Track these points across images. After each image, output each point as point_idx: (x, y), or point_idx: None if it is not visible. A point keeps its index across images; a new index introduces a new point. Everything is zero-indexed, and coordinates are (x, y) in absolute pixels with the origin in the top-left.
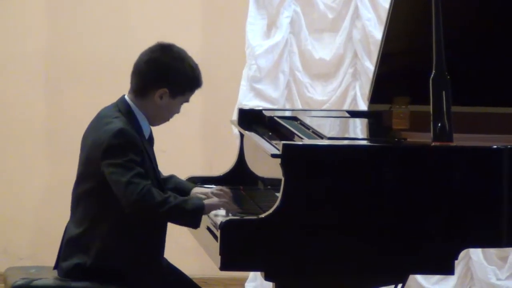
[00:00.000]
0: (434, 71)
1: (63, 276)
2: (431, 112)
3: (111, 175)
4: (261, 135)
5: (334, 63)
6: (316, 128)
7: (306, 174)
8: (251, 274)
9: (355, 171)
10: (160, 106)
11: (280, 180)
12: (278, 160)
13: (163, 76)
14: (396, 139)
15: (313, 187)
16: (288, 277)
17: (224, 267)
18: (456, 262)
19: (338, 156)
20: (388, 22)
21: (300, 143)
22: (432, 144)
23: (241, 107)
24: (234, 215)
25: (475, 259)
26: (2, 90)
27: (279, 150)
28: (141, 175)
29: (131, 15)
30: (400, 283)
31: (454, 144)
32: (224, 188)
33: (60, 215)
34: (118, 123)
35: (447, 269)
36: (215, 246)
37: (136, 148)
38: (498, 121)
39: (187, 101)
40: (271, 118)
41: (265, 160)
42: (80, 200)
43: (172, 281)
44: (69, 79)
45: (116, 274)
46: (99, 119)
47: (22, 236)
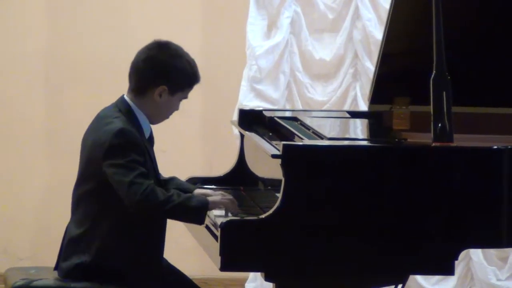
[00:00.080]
0: (434, 72)
1: (63, 276)
2: (432, 112)
3: (113, 176)
4: (261, 135)
5: (335, 63)
6: (316, 128)
7: (306, 174)
8: (251, 275)
9: (356, 172)
10: (160, 104)
11: (280, 180)
12: (278, 160)
13: (161, 74)
14: (396, 140)
15: (313, 187)
16: (288, 277)
17: (224, 267)
18: (456, 262)
19: (339, 156)
20: (388, 22)
21: (301, 143)
22: (432, 145)
23: (241, 107)
24: (235, 215)
25: (475, 259)
26: (2, 90)
27: (279, 151)
28: (143, 175)
29: (131, 15)
30: (400, 283)
31: (454, 144)
32: (223, 192)
33: (60, 215)
34: (118, 123)
35: (447, 269)
36: (215, 246)
37: (137, 148)
38: (499, 121)
39: (186, 97)
40: (272, 119)
41: (265, 161)
42: (81, 201)
43: (172, 281)
44: (69, 79)
45: (116, 274)
46: (99, 120)
47: (22, 236)
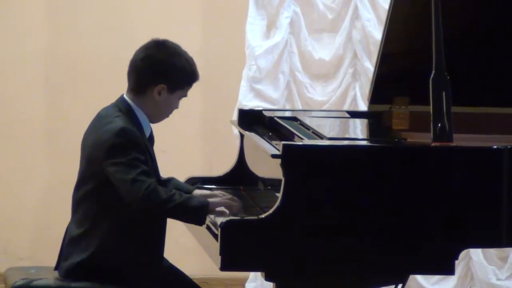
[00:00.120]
0: (434, 72)
1: (64, 275)
2: (431, 112)
3: (115, 174)
4: (261, 135)
5: (334, 63)
6: (316, 128)
7: (306, 174)
8: (252, 274)
9: (355, 172)
10: (159, 102)
11: (280, 180)
12: (278, 160)
13: (160, 72)
14: (396, 140)
15: (313, 187)
16: (288, 277)
17: (225, 267)
18: (456, 262)
19: (338, 156)
20: (387, 22)
21: (300, 143)
22: (432, 145)
23: (241, 107)
24: (235, 215)
25: (475, 259)
26: (2, 90)
27: (279, 151)
28: (146, 173)
29: (131, 15)
30: (400, 283)
31: (454, 144)
32: (222, 191)
33: (60, 215)
34: (119, 122)
35: (448, 269)
36: (216, 246)
37: (139, 146)
38: (498, 121)
39: (186, 95)
40: (271, 119)
41: (265, 161)
42: (81, 201)
43: (172, 281)
44: (69, 79)
45: (116, 274)
46: (99, 119)
47: (22, 236)
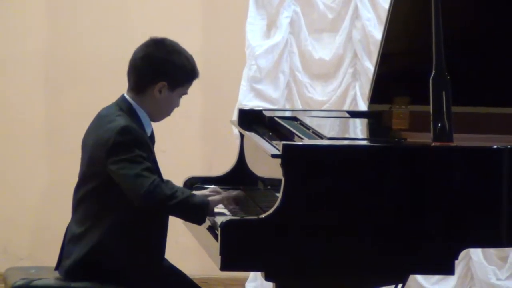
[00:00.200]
0: (434, 71)
1: (65, 275)
2: (431, 112)
3: (118, 171)
4: (261, 135)
5: (334, 63)
6: (316, 128)
7: (306, 174)
8: (252, 274)
9: (355, 171)
10: (160, 100)
11: (280, 180)
12: (278, 160)
13: (160, 70)
14: (396, 139)
15: (313, 187)
16: (288, 277)
17: (224, 267)
18: (456, 262)
19: (338, 156)
20: (388, 22)
21: (300, 143)
22: (432, 144)
23: (241, 107)
24: (235, 215)
25: (475, 259)
26: (2, 90)
27: (279, 150)
28: (149, 169)
29: (131, 15)
30: (400, 283)
31: (454, 144)
32: (217, 188)
33: (60, 215)
34: (121, 121)
35: (447, 269)
36: (215, 246)
37: (142, 144)
38: (498, 121)
39: (186, 93)
40: (271, 118)
41: (265, 160)
42: (82, 200)
43: (172, 281)
44: (69, 79)
45: (116, 274)
46: (100, 119)
47: (22, 236)
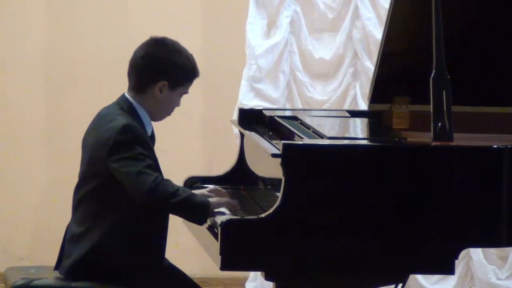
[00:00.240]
0: (434, 71)
1: (65, 274)
2: (431, 111)
3: (120, 168)
4: (261, 134)
5: (334, 62)
6: (316, 127)
7: (306, 173)
8: (252, 274)
9: (355, 171)
10: (161, 100)
11: (280, 179)
12: (279, 159)
13: (161, 69)
14: (396, 139)
15: (313, 186)
16: (288, 277)
17: (225, 267)
18: (456, 261)
19: (339, 155)
20: (388, 21)
21: (300, 142)
22: (432, 144)
23: (241, 107)
24: (235, 214)
25: (476, 258)
26: (2, 90)
27: (279, 150)
28: (151, 166)
29: (131, 15)
30: (400, 282)
31: (454, 143)
32: (218, 187)
33: (60, 215)
34: (122, 120)
35: (448, 268)
36: (216, 246)
37: (143, 142)
38: (499, 120)
39: (187, 92)
40: (271, 118)
41: (265, 160)
42: (82, 200)
43: (172, 281)
44: (69, 79)
45: (116, 274)
46: (101, 118)
47: (22, 236)
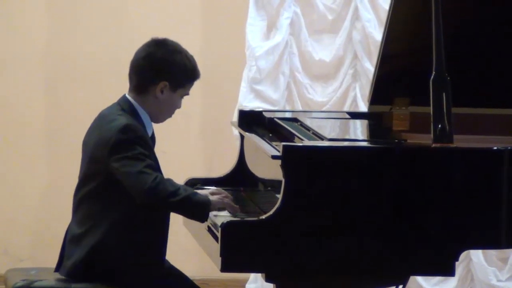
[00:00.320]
0: (434, 72)
1: (66, 275)
2: (431, 113)
3: (120, 168)
4: (261, 136)
5: (334, 64)
6: (316, 129)
7: (306, 175)
8: (252, 275)
9: (356, 173)
10: (162, 101)
11: (280, 181)
12: (279, 161)
13: (162, 70)
14: (396, 141)
15: (313, 188)
16: (288, 278)
17: (225, 268)
18: (456, 263)
19: (339, 157)
20: (388, 23)
21: (301, 144)
22: (432, 146)
23: (241, 108)
24: (235, 216)
25: (476, 260)
26: (2, 90)
27: (279, 152)
28: (152, 166)
29: (131, 16)
30: (400, 284)
31: (454, 145)
32: (221, 190)
33: (60, 216)
34: (123, 120)
35: (448, 270)
36: (216, 247)
37: (144, 142)
38: (499, 122)
39: (188, 94)
40: (271, 120)
41: (265, 162)
42: (82, 201)
43: (173, 282)
44: (69, 79)
45: (117, 275)
46: (102, 119)
47: (22, 237)
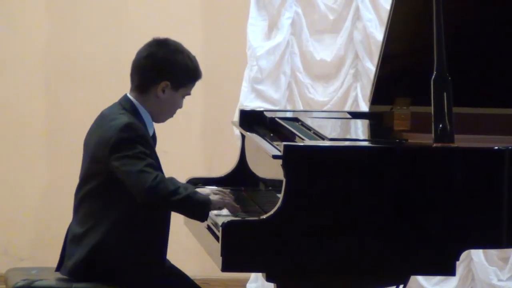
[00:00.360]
0: (435, 72)
1: (68, 275)
2: (432, 113)
3: (121, 167)
4: (262, 136)
5: (335, 64)
6: (317, 129)
7: (307, 175)
8: (253, 275)
9: (357, 172)
10: (163, 100)
11: (281, 181)
12: (280, 161)
13: (163, 69)
14: (397, 140)
15: (314, 188)
16: (289, 278)
17: (226, 268)
18: (457, 263)
19: (340, 157)
20: (389, 23)
21: (302, 144)
22: (433, 145)
23: (242, 108)
24: (236, 215)
25: (476, 260)
26: (2, 90)
27: (280, 151)
28: (152, 165)
29: (131, 16)
30: (401, 284)
31: (455, 145)
32: (224, 190)
33: (60, 216)
34: (124, 118)
35: (449, 270)
36: (217, 247)
37: (144, 141)
38: (500, 122)
39: (189, 94)
40: (272, 119)
41: (266, 161)
42: (83, 200)
43: (173, 281)
44: (69, 79)
45: (118, 274)
46: (103, 118)
47: (22, 237)
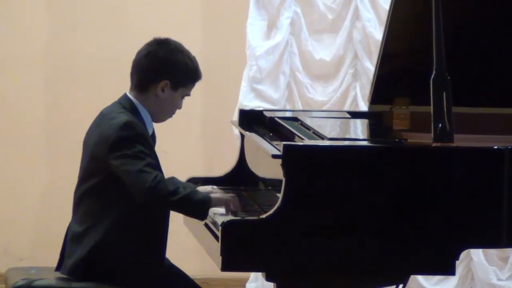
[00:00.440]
0: (434, 72)
1: (68, 274)
2: (432, 112)
3: (120, 166)
4: (261, 135)
5: (335, 63)
6: (316, 128)
7: (307, 174)
8: (252, 275)
9: (356, 172)
10: (163, 100)
11: (281, 180)
12: (279, 160)
13: (163, 69)
14: (396, 140)
15: (314, 187)
16: (289, 277)
17: (225, 267)
18: (457, 262)
19: (339, 156)
20: (388, 22)
21: (301, 143)
22: (432, 145)
23: (241, 107)
24: (235, 215)
25: (476, 259)
26: (2, 90)
27: (279, 151)
28: (152, 165)
29: (131, 16)
30: (401, 283)
31: (454, 144)
32: (230, 194)
33: (60, 216)
34: (124, 117)
35: (448, 269)
36: (216, 246)
37: (144, 140)
38: (499, 121)
39: (189, 94)
40: (272, 119)
41: (265, 161)
42: (82, 199)
43: (173, 281)
44: (69, 79)
45: (117, 273)
46: (103, 117)
47: (22, 236)
